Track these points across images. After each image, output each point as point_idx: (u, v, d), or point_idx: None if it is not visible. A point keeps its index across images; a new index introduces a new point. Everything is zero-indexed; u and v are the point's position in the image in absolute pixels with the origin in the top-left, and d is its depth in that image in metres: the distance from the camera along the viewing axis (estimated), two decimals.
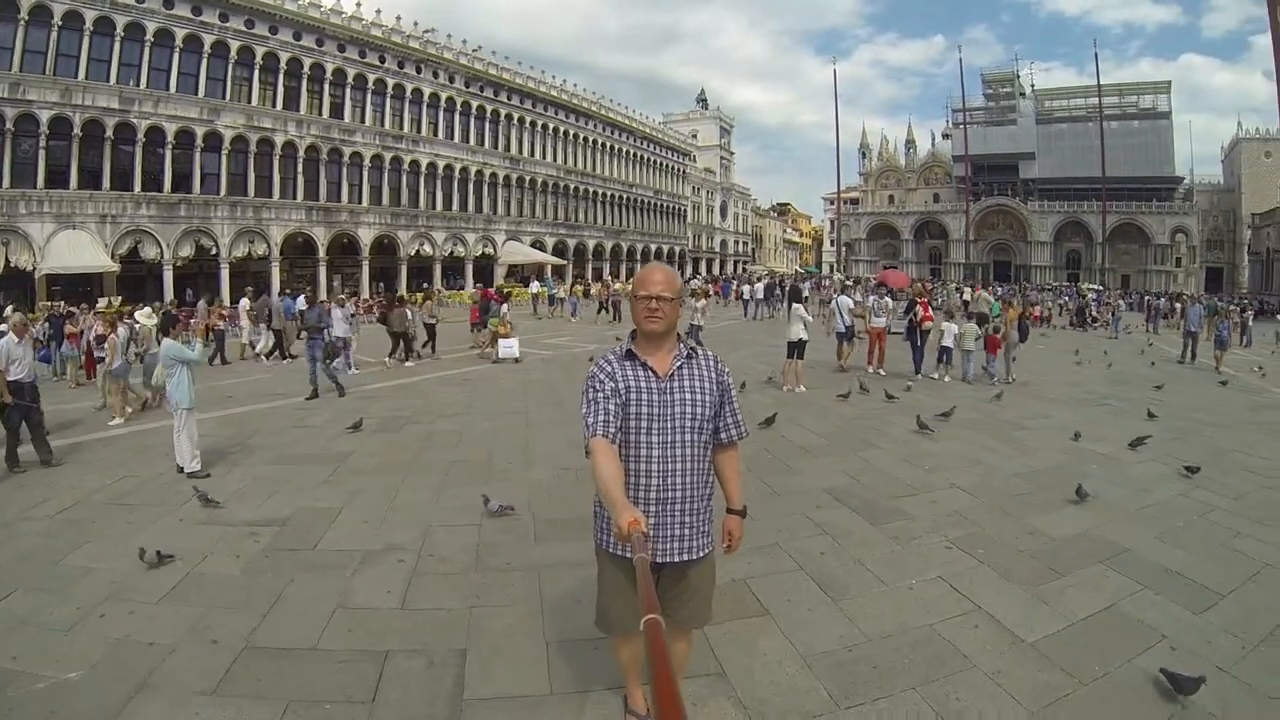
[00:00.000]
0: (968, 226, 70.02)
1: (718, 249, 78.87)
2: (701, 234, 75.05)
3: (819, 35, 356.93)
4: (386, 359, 15.48)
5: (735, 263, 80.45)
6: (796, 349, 12.27)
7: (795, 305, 12.90)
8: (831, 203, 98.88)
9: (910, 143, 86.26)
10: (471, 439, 8.53)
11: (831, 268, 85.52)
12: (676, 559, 2.66)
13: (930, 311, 15.10)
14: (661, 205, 65.11)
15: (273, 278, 31.73)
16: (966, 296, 30.07)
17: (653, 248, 63.07)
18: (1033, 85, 76.53)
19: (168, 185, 29.01)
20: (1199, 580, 4.92)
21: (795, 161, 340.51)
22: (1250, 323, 26.34)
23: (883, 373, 13.97)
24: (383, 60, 38.01)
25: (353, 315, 15.26)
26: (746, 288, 33.36)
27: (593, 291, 35.71)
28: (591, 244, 54.25)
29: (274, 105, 32.94)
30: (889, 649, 3.87)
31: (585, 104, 54.24)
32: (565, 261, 49.18)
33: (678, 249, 67.85)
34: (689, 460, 2.63)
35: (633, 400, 2.58)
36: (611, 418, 2.49)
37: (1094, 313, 32.10)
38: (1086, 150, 66.69)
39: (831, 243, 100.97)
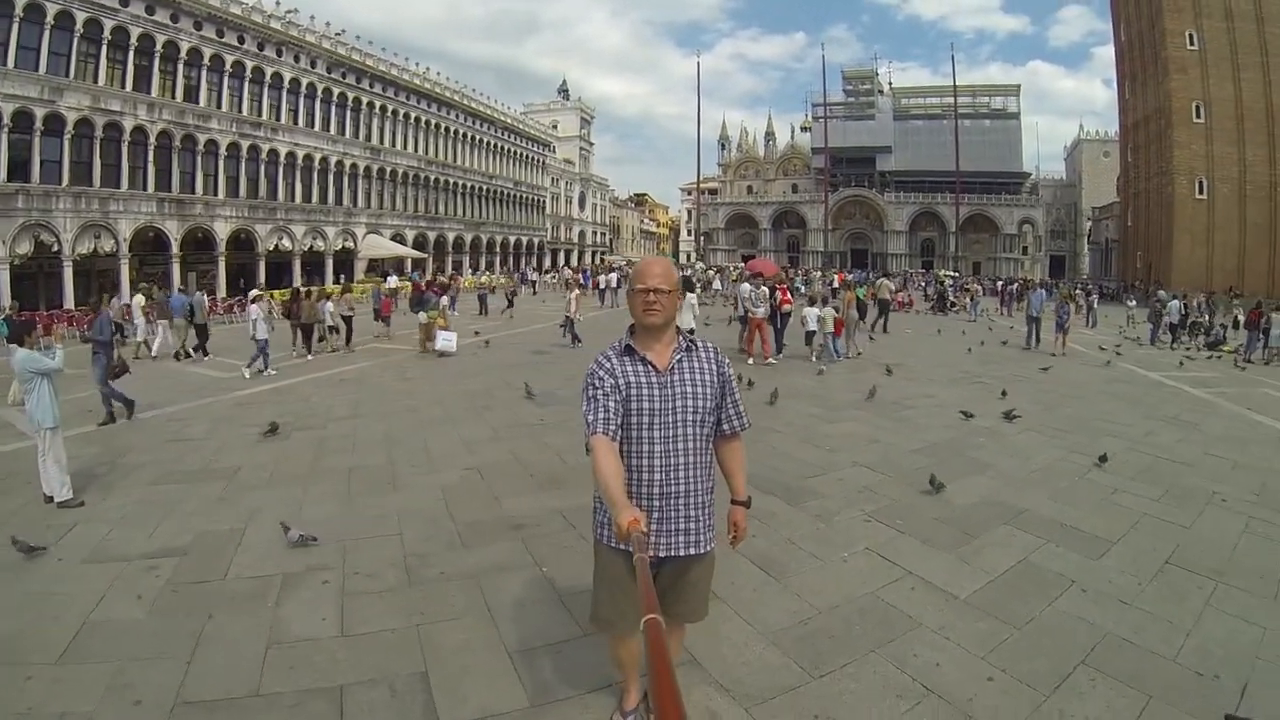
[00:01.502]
0: (826, 216, 74.02)
1: (576, 240, 79.54)
2: (560, 225, 75.68)
3: (681, 28, 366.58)
4: (309, 355, 15.54)
5: (593, 253, 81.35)
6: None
7: (688, 295, 13.30)
8: (689, 193, 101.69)
9: (770, 135, 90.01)
10: (367, 443, 8.19)
11: (689, 257, 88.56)
12: (682, 553, 2.69)
13: (789, 296, 16.21)
14: (521, 196, 65.46)
15: (122, 276, 29.03)
16: (835, 284, 32.38)
17: (512, 239, 63.32)
18: (890, 83, 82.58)
19: (3, 173, 25.81)
20: (1091, 532, 5.62)
21: (654, 152, 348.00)
22: (1095, 305, 29.41)
23: (771, 362, 14.57)
24: (241, 41, 35.75)
25: (269, 314, 14.58)
26: (603, 277, 35.55)
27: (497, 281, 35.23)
28: (451, 236, 53.78)
29: (123, 86, 29.93)
30: (840, 619, 4.16)
31: (447, 93, 53.75)
32: (426, 255, 48.45)
33: (537, 240, 68.33)
34: (691, 454, 2.66)
35: (633, 396, 2.60)
36: (612, 415, 2.52)
37: (952, 298, 34.76)
38: (941, 145, 72.29)
39: (689, 232, 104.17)
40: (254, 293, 15.93)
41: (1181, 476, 7.24)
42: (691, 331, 12.88)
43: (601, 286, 33.80)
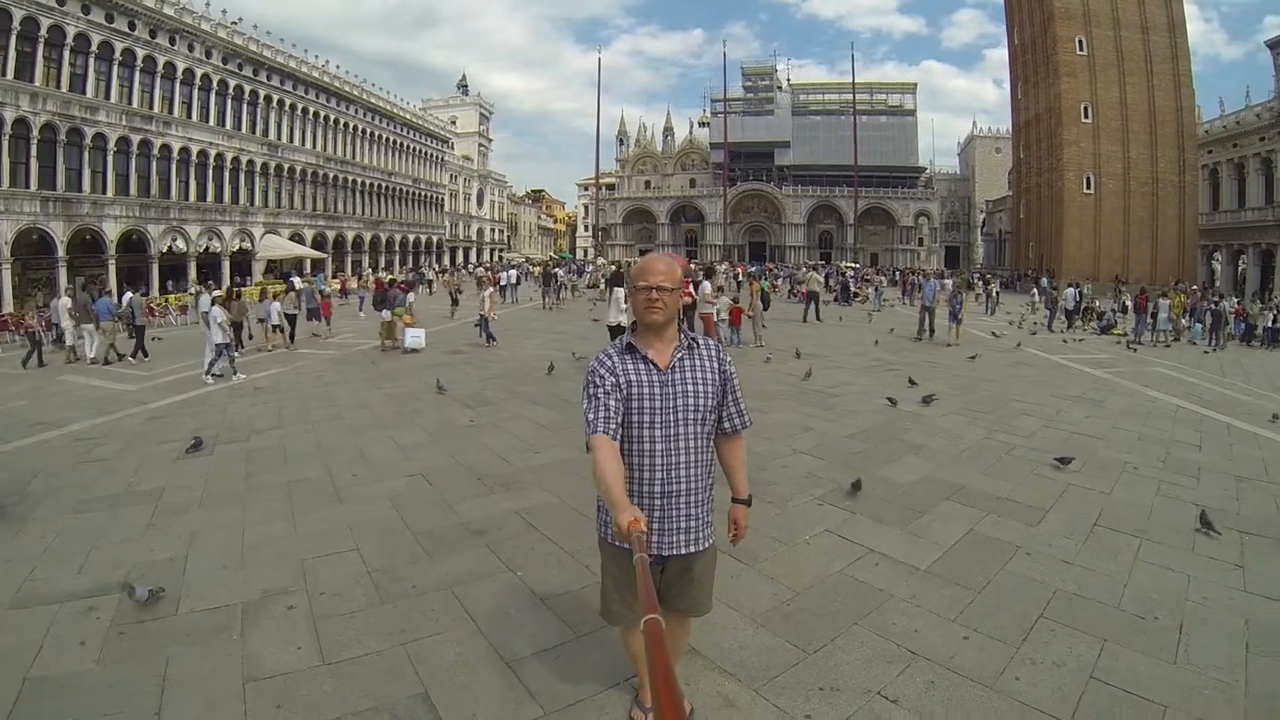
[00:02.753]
0: (725, 210, 76.46)
1: (474, 237, 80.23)
2: (459, 223, 76.06)
3: (580, 24, 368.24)
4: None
5: (491, 251, 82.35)
6: (617, 333, 13.03)
7: (616, 290, 13.61)
8: (586, 189, 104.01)
9: (668, 130, 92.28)
10: (299, 455, 7.95)
11: (585, 253, 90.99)
12: (683, 551, 2.79)
13: (692, 291, 17.21)
14: (420, 194, 65.51)
15: (3, 282, 27.10)
16: (739, 277, 34.61)
17: (411, 238, 63.30)
18: (789, 79, 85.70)
19: None
20: (1025, 502, 6.24)
21: (550, 148, 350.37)
22: (994, 294, 31.51)
23: None
24: (133, 27, 33.78)
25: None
26: (503, 274, 36.69)
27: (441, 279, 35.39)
28: (351, 235, 53.25)
29: (3, 74, 27.83)
30: (818, 597, 4.48)
31: (346, 87, 53.17)
32: (325, 255, 47.78)
33: (435, 238, 68.55)
34: (692, 452, 2.74)
35: (634, 395, 2.66)
36: (612, 414, 2.58)
37: (855, 288, 36.43)
38: (839, 140, 76.01)
39: (586, 228, 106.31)
40: (216, 293, 15.46)
41: (1095, 449, 8.07)
42: (624, 327, 13.22)
43: (502, 284, 34.25)
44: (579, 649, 3.87)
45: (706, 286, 16.33)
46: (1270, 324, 23.00)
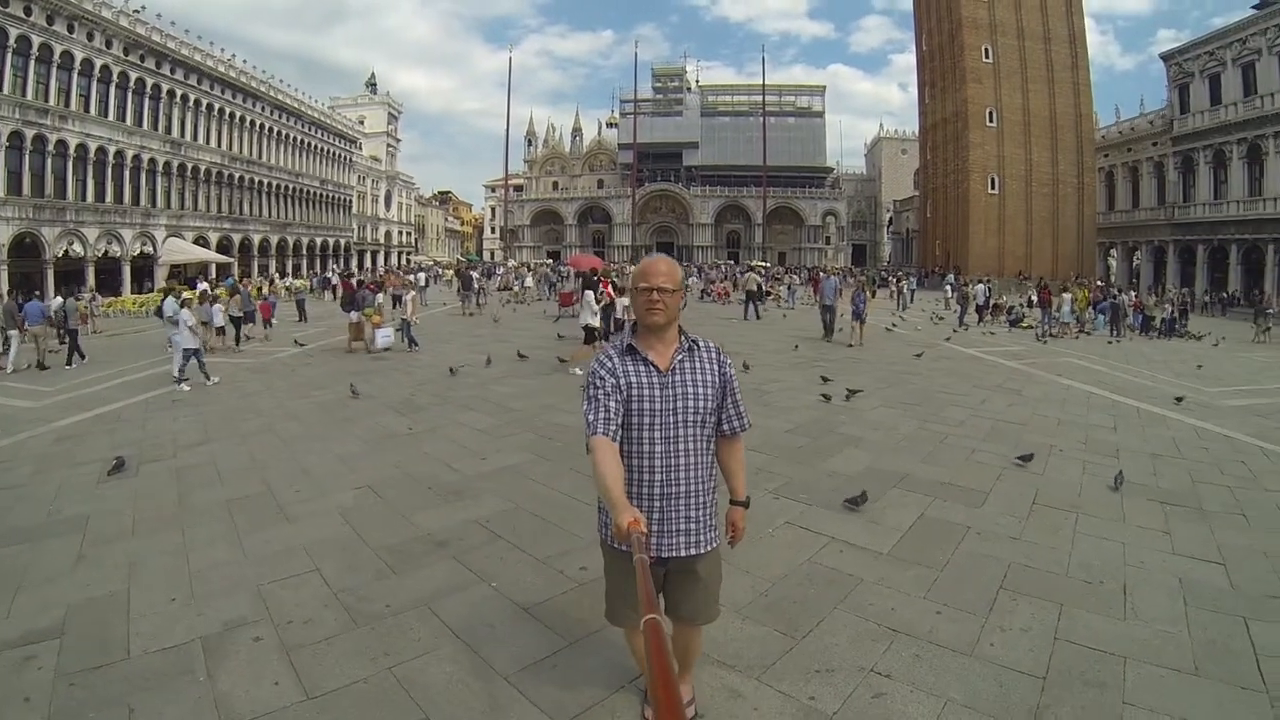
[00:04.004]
0: (634, 210, 77.72)
1: (382, 240, 79.87)
2: (366, 225, 75.49)
3: (489, 22, 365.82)
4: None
5: (399, 254, 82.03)
6: (590, 334, 13.47)
7: (588, 293, 14.02)
8: (494, 190, 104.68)
9: (577, 131, 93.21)
10: (233, 471, 7.64)
11: (493, 255, 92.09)
12: (684, 553, 2.84)
13: (610, 289, 17.61)
14: (327, 196, 64.48)
15: None
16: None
17: (318, 241, 62.32)
18: (698, 81, 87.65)
19: None
20: (966, 486, 6.73)
21: (457, 149, 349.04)
22: (904, 290, 33.06)
23: None
24: (29, 13, 31.88)
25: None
26: (411, 277, 37.81)
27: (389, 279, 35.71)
28: (257, 239, 51.90)
29: None
30: (793, 586, 4.73)
31: (254, 83, 51.74)
32: (231, 259, 46.45)
33: (343, 241, 67.82)
34: (692, 454, 2.81)
35: (634, 396, 2.73)
36: (612, 415, 2.64)
37: (767, 288, 37.41)
38: (747, 141, 78.18)
39: (494, 230, 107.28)
40: (184, 295, 14.93)
41: (1022, 434, 8.74)
42: (595, 329, 13.62)
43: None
44: (574, 656, 3.88)
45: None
46: (1167, 316, 25.28)
